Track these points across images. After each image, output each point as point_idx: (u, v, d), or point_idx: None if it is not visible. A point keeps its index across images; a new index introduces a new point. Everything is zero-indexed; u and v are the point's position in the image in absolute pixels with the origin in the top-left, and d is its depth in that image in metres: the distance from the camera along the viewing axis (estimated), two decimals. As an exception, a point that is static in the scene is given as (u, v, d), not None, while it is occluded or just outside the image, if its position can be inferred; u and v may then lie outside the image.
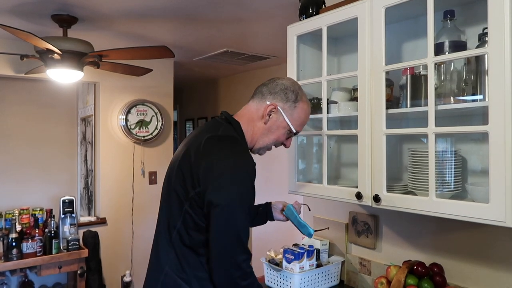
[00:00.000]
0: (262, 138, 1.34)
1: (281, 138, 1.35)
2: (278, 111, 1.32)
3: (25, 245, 2.87)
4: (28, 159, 3.87)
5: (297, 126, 1.35)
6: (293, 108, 1.33)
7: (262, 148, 1.36)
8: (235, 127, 1.31)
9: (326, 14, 1.60)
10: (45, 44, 2.21)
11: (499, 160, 1.09)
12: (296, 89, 1.34)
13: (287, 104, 1.32)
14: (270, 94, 1.33)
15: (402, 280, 1.48)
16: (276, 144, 1.37)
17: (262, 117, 1.32)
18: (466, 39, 1.34)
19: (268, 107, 1.31)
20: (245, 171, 1.18)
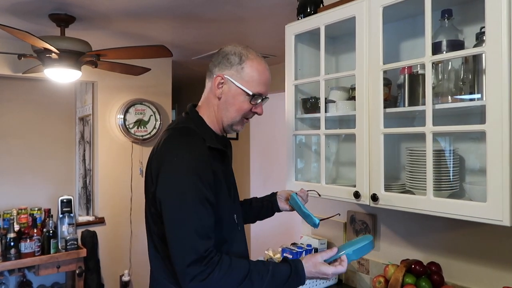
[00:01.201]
0: (224, 114, 1.25)
1: (245, 106, 1.24)
2: (226, 80, 1.22)
3: (23, 245, 2.87)
4: (26, 158, 3.86)
5: (253, 87, 1.22)
6: (240, 70, 1.22)
7: (231, 124, 1.27)
8: (192, 116, 1.26)
9: (324, 13, 1.59)
10: (42, 44, 2.21)
11: (496, 159, 1.10)
12: (239, 51, 1.23)
13: (232, 69, 1.22)
14: (215, 67, 1.24)
15: (400, 279, 1.48)
16: (245, 115, 1.26)
17: (215, 93, 1.24)
18: (464, 38, 1.34)
19: (215, 81, 1.23)
20: (189, 162, 1.10)
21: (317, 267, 1.17)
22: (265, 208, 1.54)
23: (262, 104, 1.28)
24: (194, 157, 1.12)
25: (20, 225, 3.03)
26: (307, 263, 1.17)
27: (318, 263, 1.17)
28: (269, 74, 1.27)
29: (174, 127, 1.23)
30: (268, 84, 1.27)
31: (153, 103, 3.81)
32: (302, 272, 1.16)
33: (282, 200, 1.53)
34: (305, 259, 1.19)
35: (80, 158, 4.05)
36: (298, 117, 1.77)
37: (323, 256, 1.20)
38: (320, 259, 1.19)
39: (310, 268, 1.17)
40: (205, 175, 1.11)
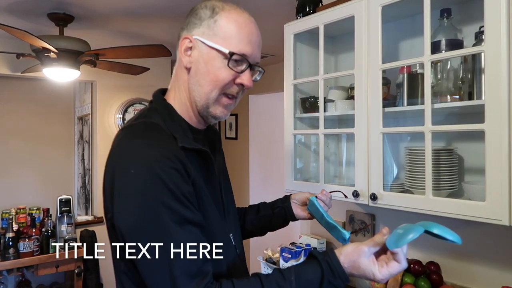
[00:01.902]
0: (197, 91, 0.90)
1: (222, 75, 0.88)
2: (196, 42, 0.90)
3: (22, 244, 2.86)
4: (25, 158, 3.86)
5: (231, 44, 0.88)
6: (213, 24, 0.89)
7: (206, 105, 0.91)
8: (157, 105, 0.94)
9: (323, 12, 1.59)
10: (41, 43, 2.20)
11: (495, 159, 1.09)
12: (211, 3, 0.92)
13: (203, 26, 0.89)
14: (182, 30, 0.93)
15: (399, 278, 1.48)
16: (224, 88, 0.90)
17: (184, 64, 0.91)
18: (463, 37, 1.34)
19: (181, 46, 0.91)
20: (153, 173, 0.77)
21: (360, 268, 0.82)
22: (276, 216, 1.20)
23: (250, 73, 0.92)
24: (160, 165, 0.78)
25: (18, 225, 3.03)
26: (346, 262, 0.82)
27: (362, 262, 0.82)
28: (257, 31, 0.93)
29: (129, 124, 0.90)
30: (255, 44, 0.92)
31: (152, 103, 3.80)
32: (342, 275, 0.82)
33: (298, 205, 1.19)
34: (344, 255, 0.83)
35: (79, 158, 4.04)
36: (297, 116, 1.77)
37: (371, 247, 0.83)
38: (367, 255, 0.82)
39: (351, 269, 0.83)
40: (180, 188, 0.79)
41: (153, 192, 0.77)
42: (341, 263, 0.82)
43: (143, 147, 0.81)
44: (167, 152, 0.81)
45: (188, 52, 0.91)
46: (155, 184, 0.77)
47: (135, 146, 0.82)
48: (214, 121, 0.96)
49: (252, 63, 0.92)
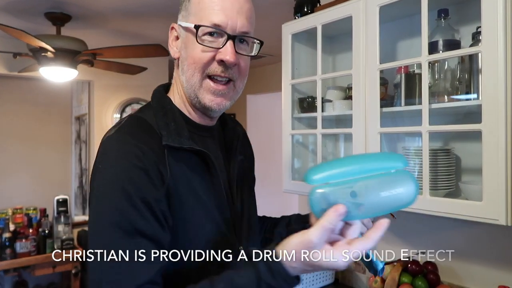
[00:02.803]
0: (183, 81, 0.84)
1: (197, 54, 0.80)
2: (179, 29, 0.85)
3: (18, 244, 2.86)
4: (21, 158, 3.84)
5: (202, 18, 0.79)
6: (188, 4, 0.82)
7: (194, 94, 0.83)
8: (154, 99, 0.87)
9: (321, 12, 1.59)
10: (38, 42, 2.20)
11: (492, 159, 1.10)
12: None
13: (182, 9, 0.84)
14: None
15: (396, 278, 1.49)
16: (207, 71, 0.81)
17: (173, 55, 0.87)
18: (460, 38, 1.35)
19: (170, 37, 0.87)
20: (115, 173, 0.72)
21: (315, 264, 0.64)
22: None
23: (232, 45, 0.80)
24: (126, 164, 0.72)
25: (15, 225, 3.02)
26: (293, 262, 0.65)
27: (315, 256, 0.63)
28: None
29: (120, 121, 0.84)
30: (232, 9, 0.79)
31: (150, 103, 3.80)
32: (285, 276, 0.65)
33: None
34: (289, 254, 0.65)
35: (76, 158, 4.03)
36: (295, 116, 1.77)
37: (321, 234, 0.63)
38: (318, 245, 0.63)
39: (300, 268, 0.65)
40: (143, 192, 0.71)
41: (110, 193, 0.72)
42: (282, 262, 0.64)
43: (117, 142, 0.76)
44: (139, 150, 0.73)
45: (174, 42, 0.85)
46: (115, 184, 0.71)
47: (110, 140, 0.77)
48: (213, 114, 0.86)
49: (233, 34, 0.79)
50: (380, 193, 0.65)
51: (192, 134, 0.83)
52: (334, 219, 0.63)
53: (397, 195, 0.66)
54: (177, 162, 0.77)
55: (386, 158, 0.70)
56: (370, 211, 0.66)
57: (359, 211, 0.65)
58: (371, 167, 0.66)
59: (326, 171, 0.66)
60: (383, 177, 0.66)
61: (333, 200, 0.64)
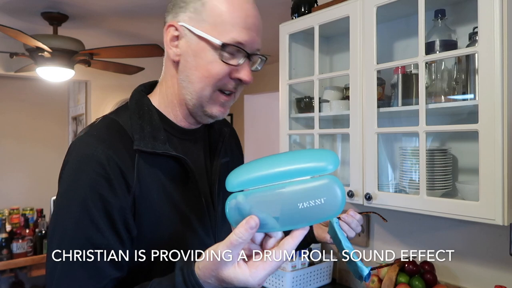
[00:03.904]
0: (187, 88, 0.77)
1: (215, 69, 0.74)
2: (183, 30, 0.75)
3: (15, 245, 2.84)
4: (18, 158, 3.83)
5: (224, 32, 0.73)
6: (201, 7, 0.74)
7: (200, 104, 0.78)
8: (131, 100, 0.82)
9: (318, 12, 1.60)
10: (35, 42, 2.19)
11: (489, 159, 1.10)
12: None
13: (189, 9, 0.75)
14: (167, 16, 0.80)
15: (393, 278, 1.49)
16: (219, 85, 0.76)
17: (170, 56, 0.78)
18: (457, 38, 1.35)
19: (166, 35, 0.77)
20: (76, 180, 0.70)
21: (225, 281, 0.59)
22: None
23: (249, 64, 0.77)
24: (87, 169, 0.69)
25: (12, 225, 3.01)
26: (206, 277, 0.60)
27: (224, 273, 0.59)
28: (254, 11, 0.78)
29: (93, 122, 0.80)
30: (254, 28, 0.76)
31: (147, 103, 3.79)
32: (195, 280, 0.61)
33: (320, 226, 1.04)
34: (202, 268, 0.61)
35: (73, 158, 4.02)
36: (292, 116, 1.77)
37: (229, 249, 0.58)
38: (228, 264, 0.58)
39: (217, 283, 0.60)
40: (103, 201, 0.68)
41: (69, 201, 0.69)
42: (198, 277, 0.61)
43: (83, 145, 0.72)
44: (104, 156, 0.69)
45: (175, 42, 0.77)
46: (75, 192, 0.69)
47: (78, 143, 0.73)
48: (211, 121, 0.83)
49: (250, 53, 0.76)
50: (297, 204, 0.58)
51: (171, 137, 0.80)
52: (244, 234, 0.57)
53: (318, 206, 0.58)
54: (150, 167, 0.73)
55: (314, 159, 0.60)
56: (288, 223, 0.59)
57: (276, 222, 0.58)
58: (294, 171, 0.59)
59: (244, 176, 0.60)
60: (304, 185, 0.58)
61: (247, 211, 0.58)
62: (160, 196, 0.75)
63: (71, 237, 0.67)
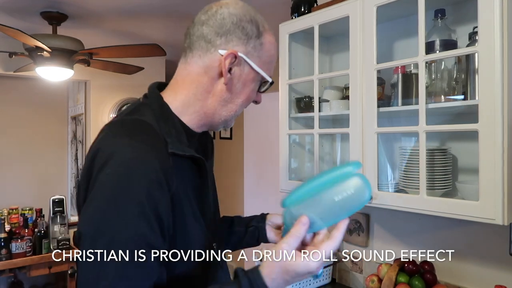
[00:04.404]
0: (224, 107, 0.85)
1: (252, 96, 0.88)
2: (241, 61, 0.82)
3: (14, 245, 2.84)
4: (17, 158, 3.82)
5: (269, 70, 0.88)
6: (259, 47, 0.84)
7: (229, 119, 0.88)
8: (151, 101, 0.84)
9: (318, 12, 1.59)
10: (34, 42, 2.18)
11: (488, 158, 1.10)
12: (253, 16, 0.85)
13: (250, 44, 0.83)
14: (219, 37, 0.81)
15: (393, 278, 1.49)
16: (245, 106, 0.91)
17: (220, 76, 0.83)
18: (457, 38, 1.35)
19: (226, 59, 0.80)
20: (130, 183, 0.69)
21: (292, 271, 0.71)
22: (249, 234, 1.08)
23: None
24: (141, 174, 0.70)
25: (11, 225, 3.00)
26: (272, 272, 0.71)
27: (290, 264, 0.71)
28: None
29: (116, 120, 0.82)
30: None
31: (147, 102, 3.79)
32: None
33: (272, 228, 1.07)
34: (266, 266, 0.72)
35: (73, 158, 4.01)
36: (292, 116, 1.77)
37: (291, 243, 0.72)
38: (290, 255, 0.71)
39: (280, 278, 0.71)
40: (156, 205, 0.70)
41: (124, 204, 0.69)
42: (262, 275, 0.70)
43: (127, 149, 0.72)
44: (153, 161, 0.71)
45: (231, 66, 0.82)
46: (126, 195, 0.69)
47: (119, 146, 0.72)
48: (221, 129, 0.95)
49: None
50: (334, 198, 0.72)
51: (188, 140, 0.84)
52: (300, 228, 0.72)
53: (350, 197, 0.71)
54: (178, 169, 0.77)
55: (340, 167, 0.75)
56: (330, 217, 0.74)
57: (321, 219, 0.74)
58: (327, 180, 0.74)
59: (294, 194, 0.77)
60: (335, 184, 0.73)
61: (297, 215, 0.74)
62: (184, 196, 0.80)
63: (127, 239, 0.68)
